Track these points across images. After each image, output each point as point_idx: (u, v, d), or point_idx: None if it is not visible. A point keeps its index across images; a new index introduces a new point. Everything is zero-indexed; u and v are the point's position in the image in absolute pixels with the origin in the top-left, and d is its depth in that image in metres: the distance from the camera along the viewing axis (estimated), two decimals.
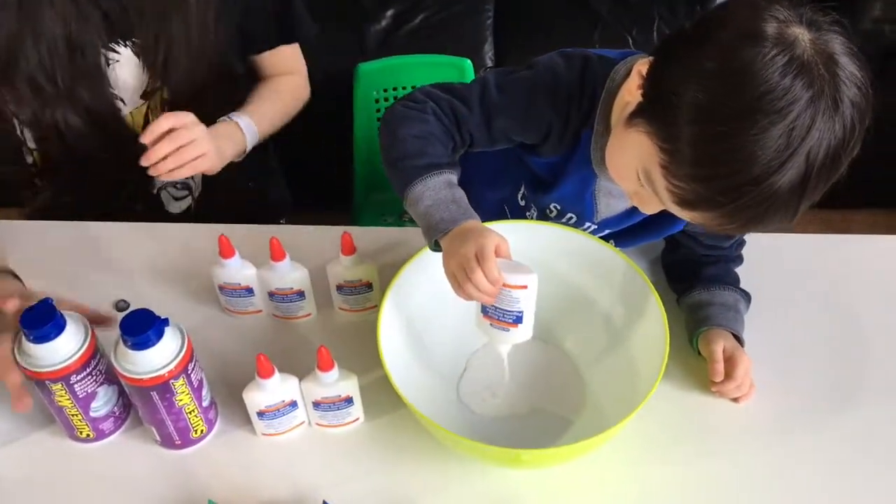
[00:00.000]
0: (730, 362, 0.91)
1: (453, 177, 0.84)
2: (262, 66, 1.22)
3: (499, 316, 0.81)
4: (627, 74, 0.84)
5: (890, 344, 0.99)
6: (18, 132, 1.16)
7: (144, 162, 1.00)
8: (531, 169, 0.98)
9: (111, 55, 1.07)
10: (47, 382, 0.81)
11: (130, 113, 1.14)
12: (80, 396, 0.83)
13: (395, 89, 1.57)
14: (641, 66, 0.78)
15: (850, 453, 0.89)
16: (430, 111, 0.88)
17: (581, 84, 0.87)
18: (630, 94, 0.79)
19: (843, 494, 0.85)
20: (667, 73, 0.74)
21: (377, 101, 1.57)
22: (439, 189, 0.82)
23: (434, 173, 0.83)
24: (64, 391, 0.82)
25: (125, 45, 1.08)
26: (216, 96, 1.14)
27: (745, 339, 0.95)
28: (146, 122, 1.14)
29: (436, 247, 0.82)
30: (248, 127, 1.14)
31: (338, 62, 1.63)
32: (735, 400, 0.92)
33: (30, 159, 1.21)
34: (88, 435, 0.88)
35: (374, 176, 1.66)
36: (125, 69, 1.09)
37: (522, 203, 1.04)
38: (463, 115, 0.89)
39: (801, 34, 0.68)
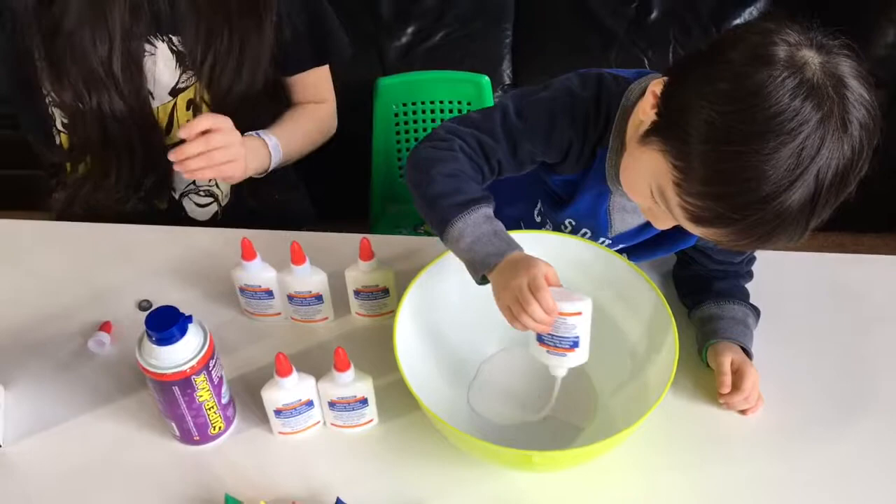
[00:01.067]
0: (738, 375, 0.92)
1: (490, 210, 0.86)
2: (293, 89, 1.25)
3: (555, 343, 0.82)
4: (642, 94, 0.87)
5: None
6: (50, 111, 1.18)
7: (173, 157, 1.01)
8: (548, 186, 1.00)
9: (147, 48, 1.10)
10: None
11: (157, 108, 1.16)
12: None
13: (413, 104, 1.60)
14: (655, 86, 0.80)
15: (855, 468, 0.90)
16: (458, 148, 0.89)
17: (597, 103, 0.90)
18: (644, 112, 0.81)
19: None
20: (680, 93, 0.76)
21: (396, 114, 1.60)
22: (479, 224, 0.84)
23: (472, 209, 0.84)
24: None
25: (163, 41, 1.10)
26: (245, 107, 1.16)
27: (754, 354, 0.97)
28: (170, 120, 1.17)
29: (482, 281, 0.84)
30: (275, 147, 1.16)
31: (358, 76, 1.66)
32: (742, 412, 0.94)
33: (57, 139, 1.22)
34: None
35: (391, 188, 1.69)
36: (159, 64, 1.12)
37: (538, 219, 1.06)
38: (489, 146, 0.91)
39: (812, 57, 0.71)
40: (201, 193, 1.27)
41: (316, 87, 1.26)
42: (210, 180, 1.25)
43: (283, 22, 1.14)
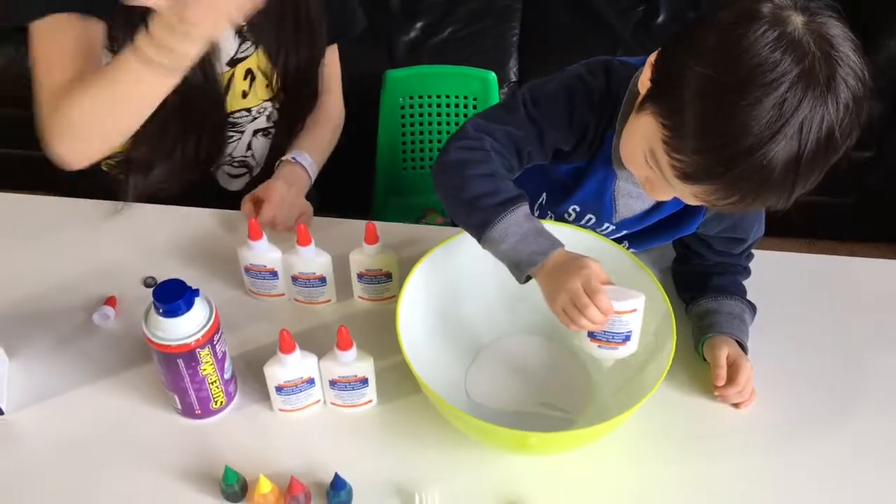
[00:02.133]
0: (733, 368, 0.94)
1: (527, 207, 0.87)
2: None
3: (608, 339, 0.84)
4: None
5: (889, 360, 1.02)
6: None
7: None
8: (554, 177, 1.02)
9: None
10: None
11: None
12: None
13: (420, 97, 1.61)
14: (652, 57, 0.83)
15: (848, 463, 0.92)
16: (489, 147, 0.90)
17: (607, 87, 0.92)
18: (643, 85, 0.84)
19: (837, 502, 0.88)
20: (671, 56, 0.80)
21: (402, 107, 1.62)
22: (521, 224, 0.84)
23: (512, 209, 0.84)
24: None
25: None
26: (300, 79, 1.20)
27: (750, 349, 0.98)
28: (226, 89, 1.18)
29: (526, 280, 0.85)
30: (310, 167, 1.22)
31: (366, 69, 1.68)
32: (736, 406, 0.95)
33: None
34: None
35: (395, 180, 1.70)
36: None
37: (537, 214, 1.08)
38: (519, 138, 0.92)
39: (795, 16, 0.74)
40: (235, 164, 1.28)
41: (328, 72, 1.26)
42: (248, 149, 1.28)
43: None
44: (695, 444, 0.93)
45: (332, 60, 1.28)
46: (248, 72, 1.17)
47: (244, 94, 1.19)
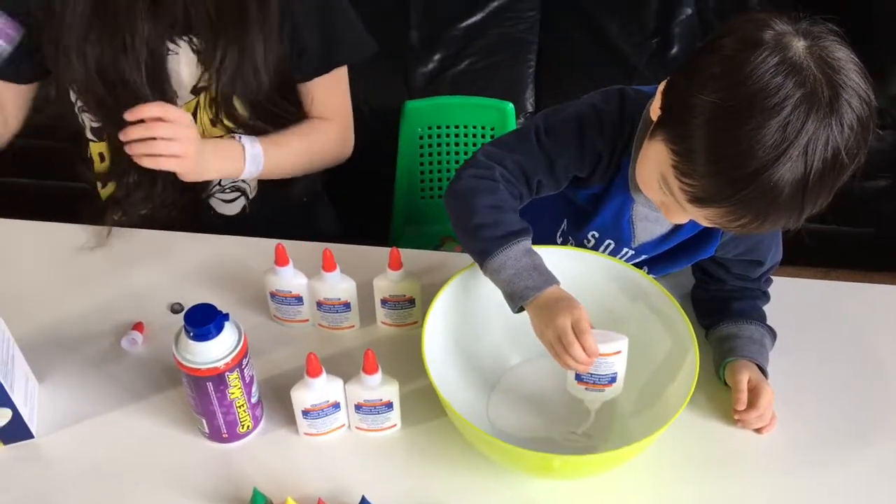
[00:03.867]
0: (753, 393, 0.94)
1: (529, 243, 0.90)
2: (306, 99, 1.24)
3: (594, 381, 0.87)
4: None
5: None
6: (79, 120, 1.20)
7: (121, 137, 1.03)
8: (574, 202, 1.04)
9: (172, 47, 1.12)
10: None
11: (181, 107, 1.16)
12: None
13: (438, 127, 1.64)
14: (662, 85, 0.86)
15: (867, 489, 0.92)
16: (499, 176, 0.93)
17: (621, 114, 0.94)
18: (654, 113, 0.86)
19: None
20: (678, 84, 0.82)
21: (421, 137, 1.65)
22: (520, 257, 0.87)
23: (513, 242, 0.88)
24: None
25: (185, 40, 1.12)
26: (267, 106, 1.17)
27: (770, 374, 0.99)
28: (193, 117, 1.16)
29: (519, 310, 0.88)
30: (252, 156, 1.15)
31: (385, 100, 1.71)
32: (758, 430, 0.96)
33: (87, 152, 1.25)
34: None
35: (413, 209, 1.72)
36: (182, 63, 1.13)
37: (560, 241, 1.10)
38: (529, 167, 0.94)
39: (796, 41, 0.76)
40: (228, 190, 1.28)
41: (322, 99, 1.23)
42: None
43: (292, 27, 1.13)
44: (716, 468, 0.93)
45: (334, 89, 1.25)
46: (213, 100, 1.16)
47: (212, 122, 1.19)
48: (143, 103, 1.04)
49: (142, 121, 1.03)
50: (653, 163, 0.85)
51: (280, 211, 1.30)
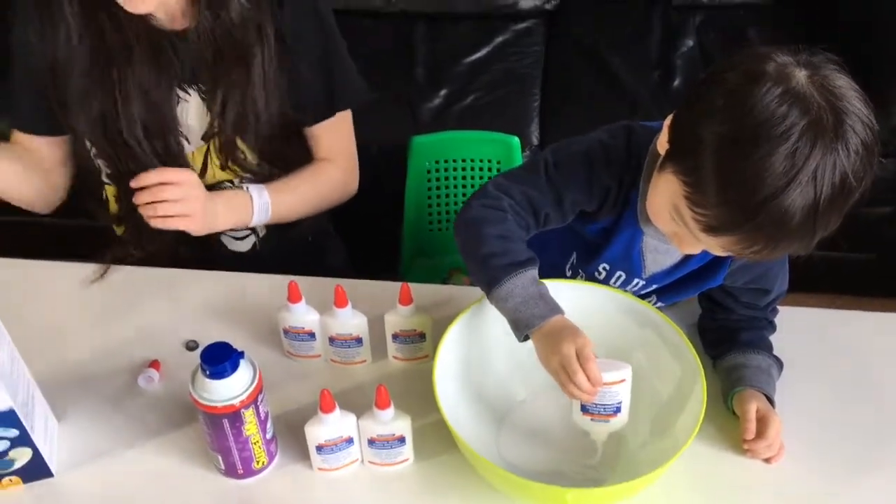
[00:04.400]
0: (762, 422, 0.95)
1: (536, 272, 0.92)
2: (312, 142, 1.27)
3: (599, 411, 0.88)
4: None
5: None
6: (95, 163, 1.23)
7: (135, 200, 1.08)
8: (583, 236, 1.06)
9: (181, 94, 1.15)
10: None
11: (192, 152, 1.21)
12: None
13: (445, 161, 1.66)
14: (668, 119, 0.88)
15: None
16: (508, 207, 0.95)
17: (628, 149, 0.96)
18: (661, 146, 0.88)
19: None
20: (685, 117, 0.84)
21: (429, 171, 1.67)
22: (526, 286, 0.89)
23: (520, 271, 0.90)
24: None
25: (193, 89, 1.16)
26: (273, 150, 1.21)
27: (778, 404, 1.00)
28: (205, 163, 1.22)
29: (524, 339, 0.90)
30: (261, 206, 1.19)
31: (393, 135, 1.74)
32: (766, 460, 0.96)
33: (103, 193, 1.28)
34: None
35: (421, 241, 1.74)
36: (191, 110, 1.17)
37: (569, 274, 1.12)
38: (537, 200, 0.97)
39: (798, 71, 0.78)
40: (237, 228, 1.30)
41: (326, 142, 1.26)
42: None
43: (293, 69, 1.16)
44: (726, 497, 0.94)
45: (337, 132, 1.28)
46: (223, 146, 1.19)
47: (223, 167, 1.22)
48: (139, 155, 1.12)
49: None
50: (664, 195, 0.87)
51: (290, 247, 1.33)
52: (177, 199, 1.08)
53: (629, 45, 2.04)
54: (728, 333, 1.05)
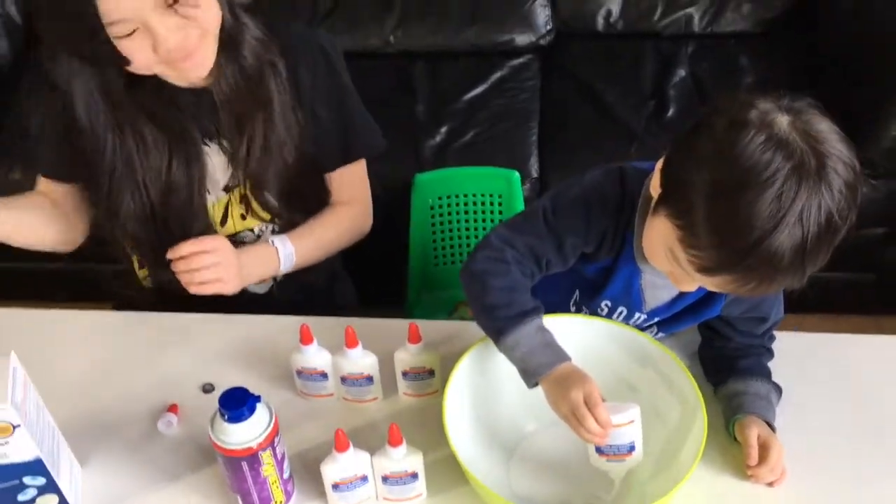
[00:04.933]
0: (764, 448, 0.98)
1: (541, 320, 0.96)
2: (330, 180, 1.32)
3: (613, 451, 0.92)
4: None
5: None
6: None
7: (173, 268, 1.14)
8: (583, 276, 1.09)
9: (204, 148, 1.20)
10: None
11: (213, 204, 1.25)
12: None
13: (448, 197, 1.70)
14: (659, 163, 0.92)
15: None
16: (511, 258, 0.99)
17: (622, 192, 1.00)
18: (654, 189, 0.92)
19: None
20: (675, 164, 0.88)
21: (432, 207, 1.71)
22: (532, 335, 0.94)
23: (526, 321, 0.95)
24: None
25: (215, 142, 1.20)
26: (292, 196, 1.25)
27: (779, 428, 1.02)
28: (225, 213, 1.26)
29: (534, 386, 0.94)
30: (287, 256, 1.24)
31: (396, 172, 1.78)
32: (769, 484, 0.99)
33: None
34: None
35: (427, 276, 1.78)
36: (214, 161, 1.21)
37: (573, 310, 1.15)
38: (538, 248, 1.01)
39: (780, 117, 0.82)
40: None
41: (342, 186, 1.31)
42: None
43: (310, 121, 1.21)
44: None
45: (353, 176, 1.33)
46: (244, 196, 1.24)
47: (243, 217, 1.27)
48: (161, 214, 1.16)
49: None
50: (659, 237, 0.91)
51: (303, 289, 1.37)
52: (211, 265, 1.13)
53: (623, 77, 2.09)
54: (727, 361, 1.08)
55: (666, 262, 0.92)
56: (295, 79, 1.19)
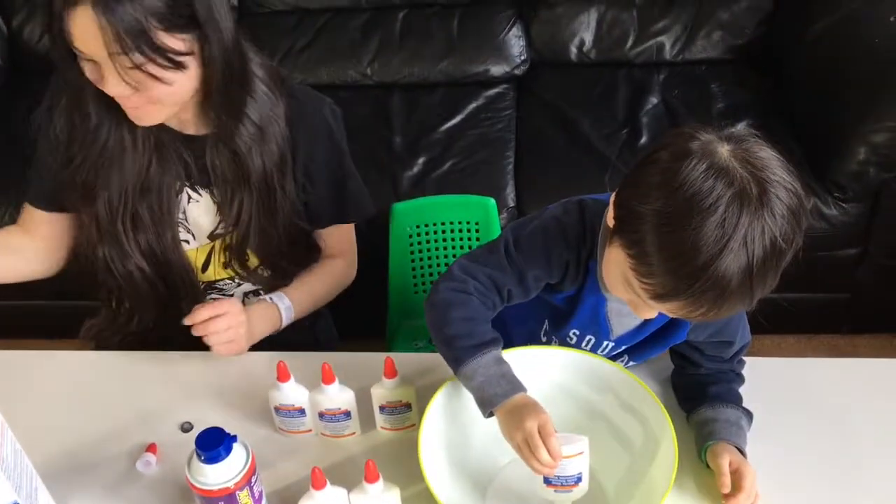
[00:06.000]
0: (737, 474, 1.00)
1: (499, 352, 0.99)
2: (320, 234, 1.35)
3: (561, 482, 0.94)
4: None
5: (887, 463, 1.07)
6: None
7: (194, 332, 1.15)
8: (551, 305, 1.12)
9: (194, 196, 1.22)
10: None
11: (196, 249, 1.27)
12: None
13: (426, 226, 1.72)
14: (613, 196, 0.95)
15: None
16: (473, 289, 1.02)
17: (582, 223, 1.03)
18: (610, 220, 0.95)
19: None
20: (626, 195, 0.91)
21: (410, 236, 1.73)
22: (489, 366, 0.97)
23: (483, 352, 0.97)
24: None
25: (207, 191, 1.22)
26: (275, 257, 1.28)
27: (753, 454, 1.04)
28: (207, 260, 1.28)
29: (489, 415, 0.96)
30: (286, 310, 1.27)
31: (375, 204, 1.80)
32: None
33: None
34: None
35: (407, 305, 1.79)
36: (201, 209, 1.23)
37: (544, 339, 1.17)
38: (500, 280, 1.04)
39: (721, 146, 0.85)
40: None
41: (332, 240, 1.35)
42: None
43: (306, 185, 1.25)
44: None
45: (342, 233, 1.37)
46: (228, 247, 1.26)
47: (225, 265, 1.29)
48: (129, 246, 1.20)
49: None
50: (615, 267, 0.94)
51: (286, 333, 1.37)
52: (226, 328, 1.16)
53: (596, 106, 2.12)
54: (698, 388, 1.10)
55: (623, 291, 0.94)
56: (293, 146, 1.21)
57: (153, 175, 1.19)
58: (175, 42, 1.03)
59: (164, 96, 1.07)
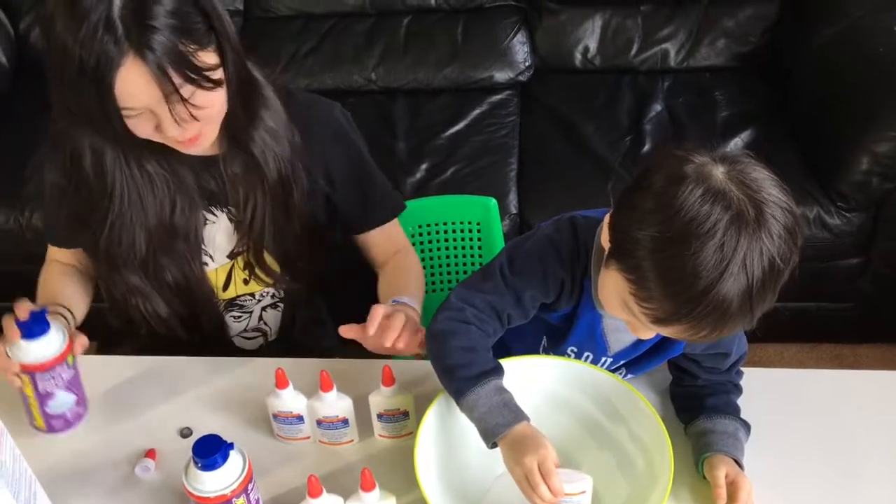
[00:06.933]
0: (733, 486, 1.00)
1: (500, 381, 0.98)
2: (370, 246, 1.35)
3: None
4: None
5: (890, 477, 1.06)
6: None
7: (388, 345, 1.09)
8: (548, 323, 1.12)
9: (209, 216, 1.22)
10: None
11: (215, 270, 1.27)
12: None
13: (428, 225, 1.71)
14: (607, 218, 0.94)
15: None
16: (471, 317, 1.01)
17: (575, 242, 1.03)
18: (605, 241, 0.95)
19: None
20: (620, 220, 0.91)
21: (412, 236, 1.73)
22: (491, 396, 0.96)
23: (484, 382, 0.97)
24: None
25: (223, 211, 1.22)
26: (296, 263, 1.28)
27: (751, 466, 1.04)
28: (227, 280, 1.29)
29: (493, 446, 0.96)
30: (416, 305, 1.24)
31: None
32: None
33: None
34: None
35: None
36: (220, 229, 1.23)
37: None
38: (497, 304, 1.03)
39: (716, 169, 0.85)
40: (248, 334, 1.37)
41: (389, 241, 1.36)
42: (260, 320, 1.36)
43: (329, 192, 1.25)
44: None
45: (392, 231, 1.37)
46: (248, 263, 1.26)
47: (245, 282, 1.29)
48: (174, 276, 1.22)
49: None
50: (613, 290, 0.93)
51: (290, 341, 1.39)
52: (401, 324, 1.10)
53: (600, 113, 2.12)
54: (696, 399, 1.10)
55: (622, 313, 0.94)
56: (308, 153, 1.21)
57: (178, 218, 1.18)
58: (208, 56, 1.02)
59: (216, 116, 1.08)
